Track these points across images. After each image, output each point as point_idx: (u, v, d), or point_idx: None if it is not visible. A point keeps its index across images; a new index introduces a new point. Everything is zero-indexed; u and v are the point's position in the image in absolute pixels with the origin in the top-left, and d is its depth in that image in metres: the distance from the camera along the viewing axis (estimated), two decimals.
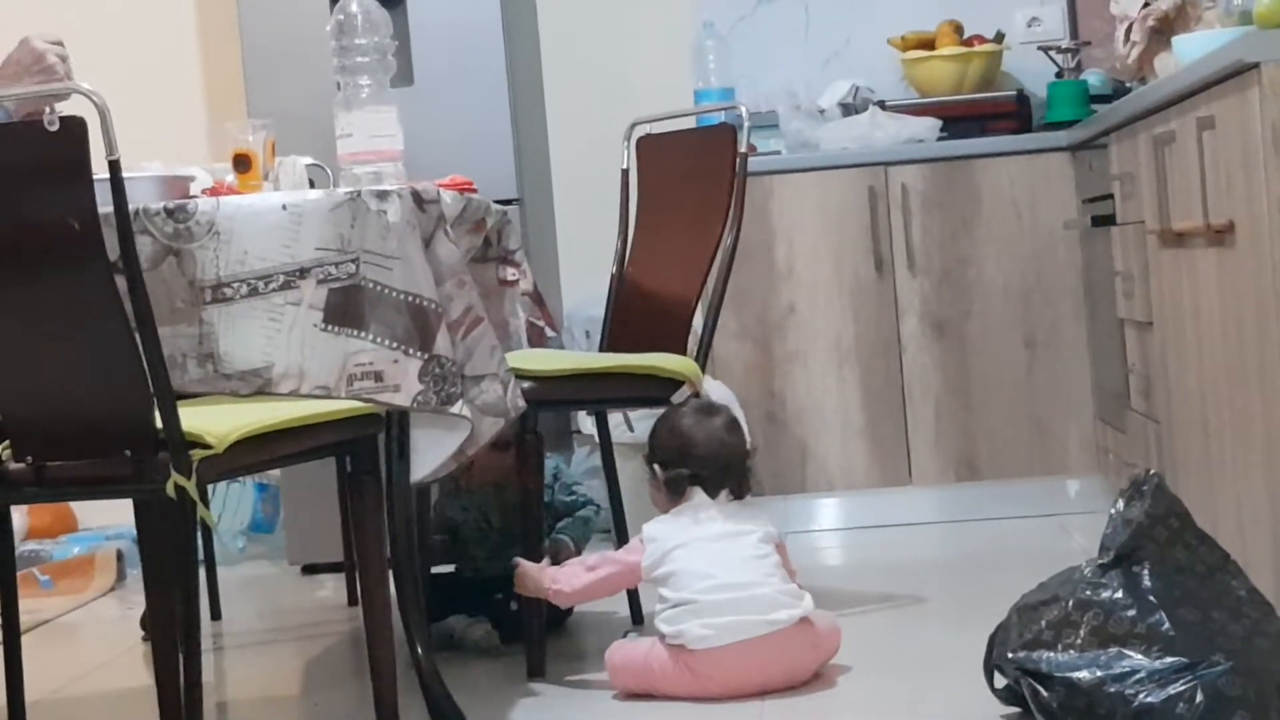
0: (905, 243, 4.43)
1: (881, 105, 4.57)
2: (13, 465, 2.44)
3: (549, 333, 3.45)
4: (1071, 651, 2.30)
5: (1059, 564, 3.68)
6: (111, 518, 4.61)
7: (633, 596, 3.42)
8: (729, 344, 4.44)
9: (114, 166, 2.28)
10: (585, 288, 4.75)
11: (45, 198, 2.28)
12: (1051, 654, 2.31)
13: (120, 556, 4.45)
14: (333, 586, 4.23)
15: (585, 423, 4.53)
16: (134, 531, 4.43)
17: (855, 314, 4.45)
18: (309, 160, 3.37)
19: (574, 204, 4.92)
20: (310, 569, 4.44)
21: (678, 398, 3.27)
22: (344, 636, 3.66)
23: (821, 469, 4.47)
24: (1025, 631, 2.37)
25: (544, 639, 3.12)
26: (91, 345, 2.36)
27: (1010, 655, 2.37)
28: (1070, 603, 2.34)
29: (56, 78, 2.86)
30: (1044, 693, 2.29)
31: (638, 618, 3.42)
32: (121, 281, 2.33)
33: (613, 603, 3.33)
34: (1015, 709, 2.54)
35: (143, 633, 3.70)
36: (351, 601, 3.93)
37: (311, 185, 3.49)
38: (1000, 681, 2.51)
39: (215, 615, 3.90)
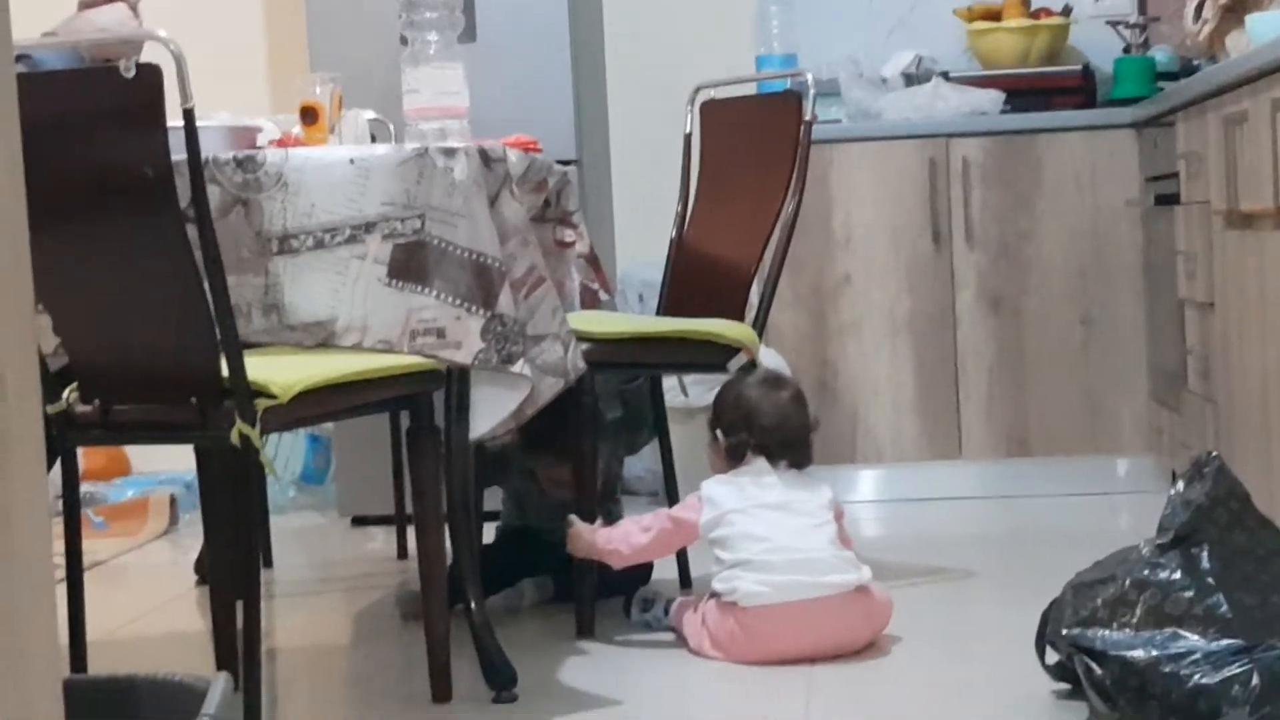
0: (964, 216, 4.41)
1: (945, 76, 4.55)
2: (80, 408, 2.47)
3: (603, 296, 3.45)
4: (1127, 630, 2.29)
5: (1106, 542, 3.68)
6: (164, 463, 4.64)
7: (681, 562, 3.43)
8: (783, 312, 4.43)
9: (189, 115, 2.30)
10: (640, 250, 4.75)
11: (120, 143, 2.30)
12: (1106, 632, 2.31)
13: (173, 501, 4.49)
14: (382, 539, 4.25)
15: None
16: (186, 477, 4.49)
17: (911, 286, 4.44)
18: (370, 114, 3.38)
19: (631, 166, 4.92)
20: (360, 521, 4.46)
21: (734, 365, 3.27)
22: (393, 589, 3.67)
23: (871, 440, 4.46)
24: (1080, 609, 2.37)
25: (594, 600, 3.13)
26: (161, 292, 2.38)
27: (1064, 632, 2.37)
28: (1127, 582, 2.34)
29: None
30: (1097, 670, 2.29)
31: (686, 582, 3.43)
32: (191, 230, 2.35)
33: (661, 567, 3.35)
34: (1066, 685, 2.54)
35: (197, 576, 3.74)
36: (401, 554, 3.95)
37: (373, 139, 3.50)
38: (1052, 657, 2.51)
39: (267, 564, 3.93)
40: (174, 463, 4.54)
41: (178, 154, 2.32)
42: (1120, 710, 2.26)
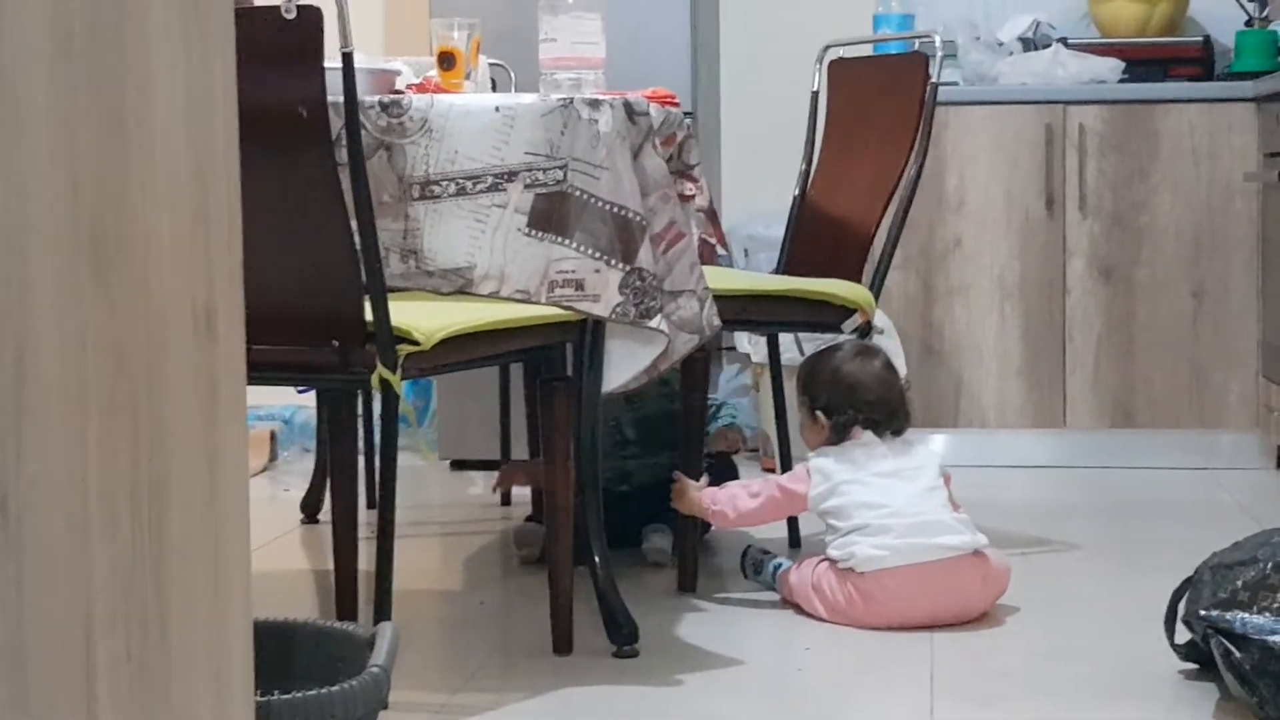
0: (1079, 183, 4.37)
1: (1064, 43, 4.49)
2: None
3: (720, 251, 3.44)
4: (1268, 614, 2.27)
5: (1209, 517, 3.66)
6: (263, 398, 4.64)
7: (791, 522, 3.42)
8: (891, 274, 4.31)
9: (347, 59, 2.29)
10: (745, 205, 4.73)
11: (277, 83, 2.30)
12: (1247, 615, 2.29)
13: (273, 436, 4.50)
14: (483, 484, 4.25)
15: (739, 341, 4.53)
16: (285, 412, 4.50)
17: (1022, 252, 4.40)
18: (491, 60, 3.37)
19: (739, 120, 4.89)
20: (459, 465, 4.46)
21: (849, 326, 3.25)
22: (498, 536, 3.69)
23: (975, 405, 4.44)
24: (1220, 590, 2.35)
25: (698, 555, 3.13)
26: (308, 232, 2.38)
27: (1202, 613, 2.35)
28: (1269, 565, 2.31)
29: None
30: (1237, 653, 2.27)
31: (795, 542, 3.43)
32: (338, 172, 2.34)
33: (772, 527, 3.33)
34: (1192, 665, 2.53)
35: (303, 515, 3.76)
36: (504, 501, 3.95)
37: (494, 85, 3.49)
38: (1183, 636, 2.49)
39: (368, 505, 3.93)
40: (273, 398, 4.56)
41: (334, 96, 2.31)
42: (1259, 695, 2.24)
